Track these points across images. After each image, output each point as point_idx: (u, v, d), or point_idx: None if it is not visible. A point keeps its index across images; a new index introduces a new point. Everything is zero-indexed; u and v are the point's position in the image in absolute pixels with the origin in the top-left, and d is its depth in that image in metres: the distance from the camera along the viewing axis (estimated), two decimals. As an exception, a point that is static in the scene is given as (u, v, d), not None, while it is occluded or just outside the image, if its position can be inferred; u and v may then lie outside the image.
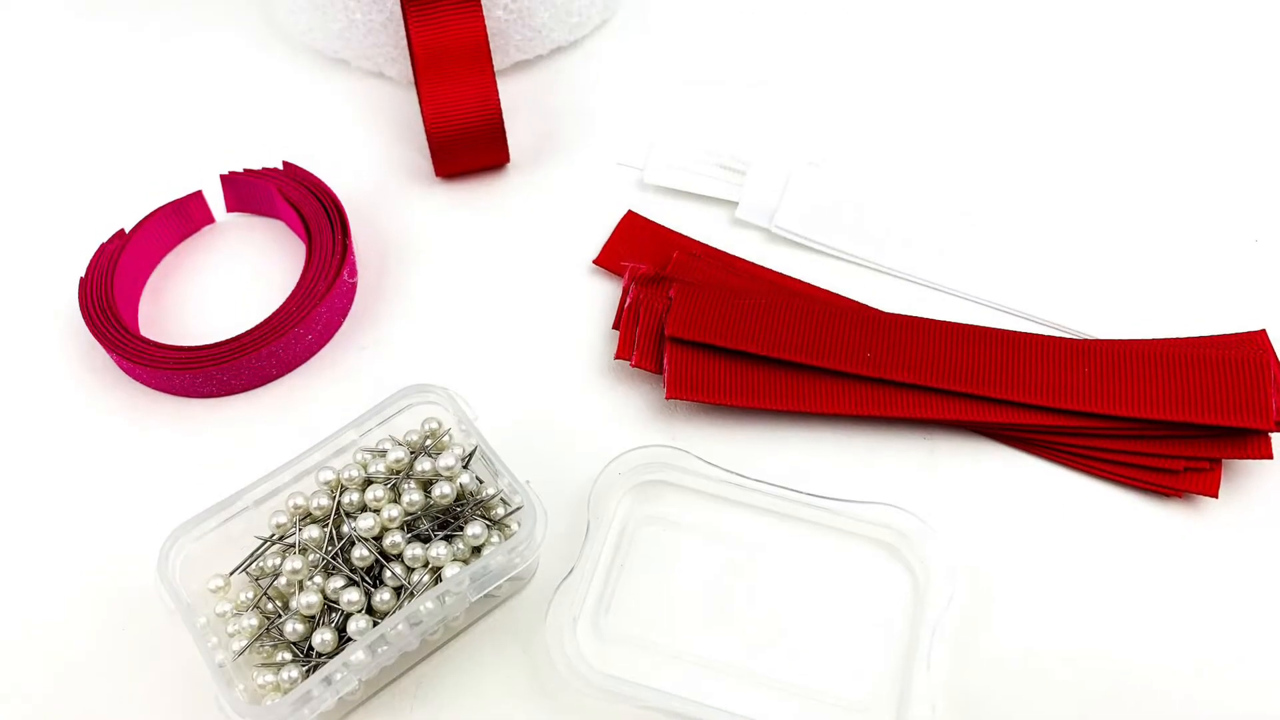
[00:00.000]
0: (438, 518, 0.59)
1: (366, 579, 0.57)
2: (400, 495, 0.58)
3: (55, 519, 0.65)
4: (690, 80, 0.85)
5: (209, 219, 0.77)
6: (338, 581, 0.56)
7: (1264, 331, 0.68)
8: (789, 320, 0.68)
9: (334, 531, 0.58)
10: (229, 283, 0.74)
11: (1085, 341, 0.67)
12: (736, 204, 0.77)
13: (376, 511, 0.57)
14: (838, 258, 0.74)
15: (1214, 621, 0.60)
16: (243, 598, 0.57)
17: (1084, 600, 0.61)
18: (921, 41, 0.87)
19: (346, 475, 0.59)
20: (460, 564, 0.57)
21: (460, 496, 0.59)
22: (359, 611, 0.55)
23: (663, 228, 0.76)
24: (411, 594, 0.56)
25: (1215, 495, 0.63)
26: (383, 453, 0.60)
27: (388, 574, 0.57)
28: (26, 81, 0.87)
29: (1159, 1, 0.90)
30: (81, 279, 0.71)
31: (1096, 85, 0.84)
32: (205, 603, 0.57)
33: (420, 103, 0.76)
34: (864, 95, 0.84)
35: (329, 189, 0.75)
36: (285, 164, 0.77)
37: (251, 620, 0.56)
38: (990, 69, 0.85)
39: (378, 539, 0.57)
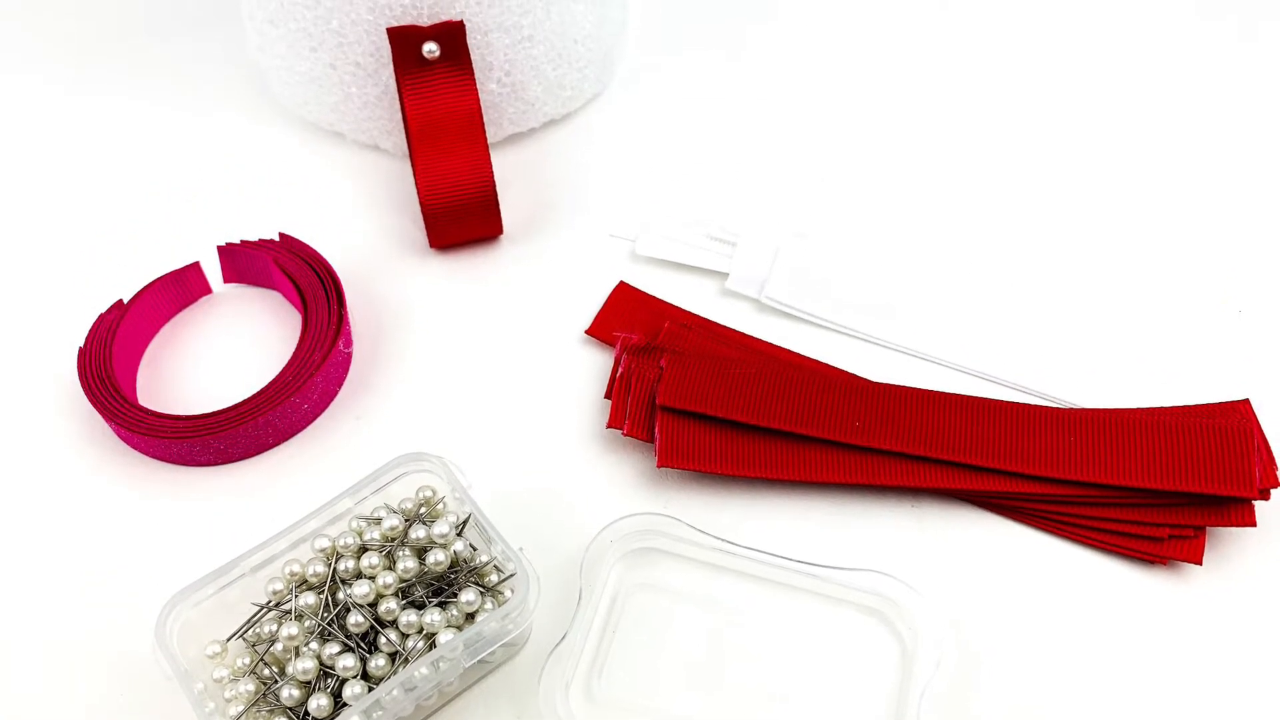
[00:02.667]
0: (432, 584, 0.59)
1: (362, 645, 0.57)
2: (395, 562, 0.59)
3: (54, 585, 0.65)
4: (680, 152, 0.86)
5: (206, 290, 0.78)
6: (333, 647, 0.57)
7: (1247, 401, 0.69)
8: (779, 390, 0.69)
9: (330, 598, 0.58)
10: (226, 352, 0.75)
11: (1070, 410, 0.68)
12: (727, 275, 0.78)
13: (372, 578, 0.58)
14: (826, 328, 0.75)
15: (1198, 687, 0.60)
16: (240, 663, 0.58)
17: (1070, 666, 0.61)
18: (906, 114, 0.89)
19: (342, 543, 0.59)
20: (454, 630, 0.57)
21: (454, 563, 0.60)
22: (354, 677, 0.56)
23: (654, 298, 0.77)
24: (406, 660, 0.57)
25: (1199, 562, 0.64)
26: (378, 520, 0.60)
27: (383, 640, 0.57)
28: (26, 155, 0.88)
29: (1144, 74, 0.91)
30: (80, 349, 0.72)
31: (1080, 156, 0.85)
32: (202, 668, 0.58)
33: (415, 175, 0.77)
34: (852, 167, 0.85)
35: (324, 260, 0.76)
36: (281, 235, 0.77)
37: (248, 686, 0.57)
38: (973, 140, 0.87)
39: (373, 605, 0.58)
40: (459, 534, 0.61)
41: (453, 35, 0.75)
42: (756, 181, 0.85)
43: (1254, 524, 0.64)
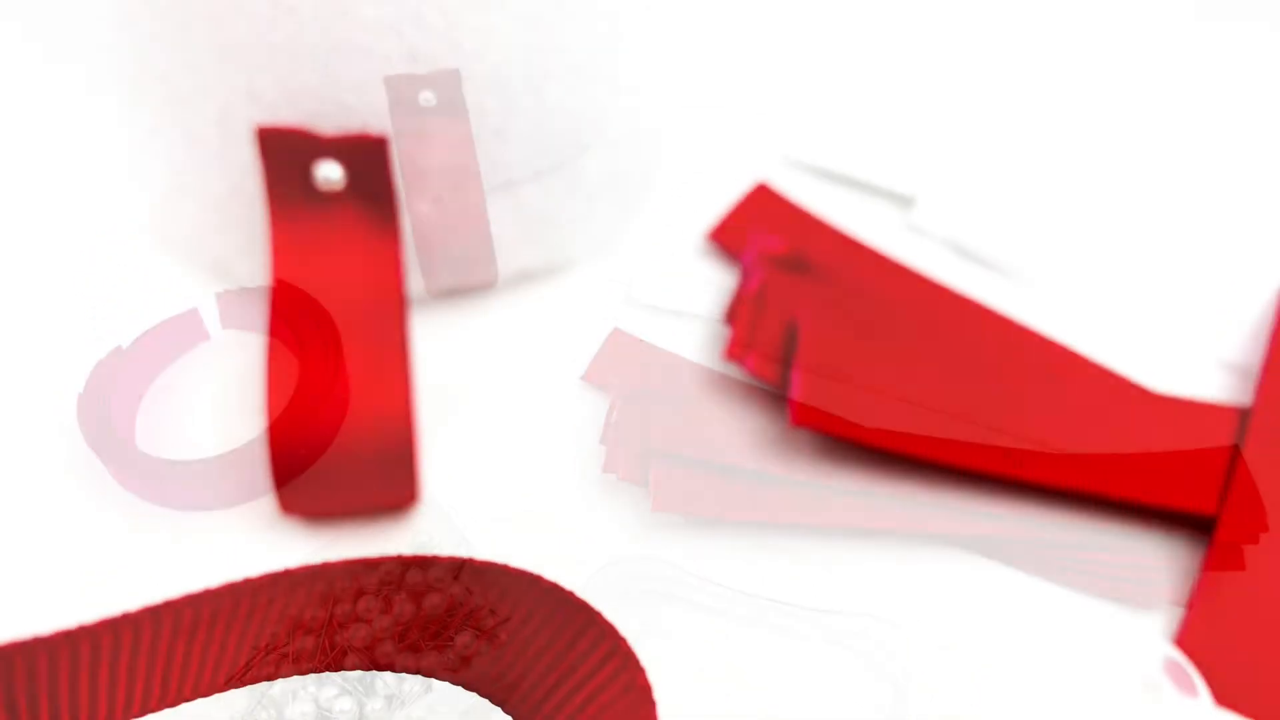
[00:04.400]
0: (428, 628, 0.60)
1: (359, 688, 0.57)
2: (392, 605, 0.59)
3: (52, 628, 0.65)
4: (677, 195, 0.87)
5: (204, 336, 0.79)
6: (330, 690, 0.57)
7: (1238, 447, 0.69)
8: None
9: (327, 641, 0.59)
10: (223, 398, 0.76)
11: (1060, 454, 0.69)
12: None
13: (369, 622, 0.58)
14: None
15: (1191, 729, 0.61)
16: (237, 707, 0.58)
17: (1064, 709, 0.61)
18: (899, 152, 0.89)
19: (339, 586, 0.60)
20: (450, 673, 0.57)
21: (451, 607, 0.60)
22: (351, 720, 0.56)
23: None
24: (403, 702, 0.57)
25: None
26: (375, 564, 0.61)
27: (379, 683, 0.57)
28: (23, 197, 0.88)
29: (1133, 113, 0.92)
30: (79, 395, 0.72)
31: (1070, 199, 0.86)
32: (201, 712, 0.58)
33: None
34: (846, 200, 0.86)
35: (321, 305, 0.76)
36: (279, 281, 0.78)
37: (246, 729, 0.57)
38: (965, 180, 0.87)
39: (369, 649, 0.58)
40: (455, 578, 0.61)
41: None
42: (751, 227, 0.85)
43: (1243, 569, 0.64)
